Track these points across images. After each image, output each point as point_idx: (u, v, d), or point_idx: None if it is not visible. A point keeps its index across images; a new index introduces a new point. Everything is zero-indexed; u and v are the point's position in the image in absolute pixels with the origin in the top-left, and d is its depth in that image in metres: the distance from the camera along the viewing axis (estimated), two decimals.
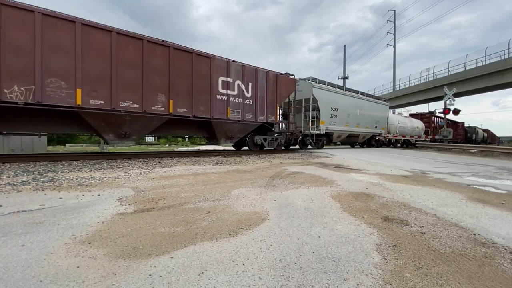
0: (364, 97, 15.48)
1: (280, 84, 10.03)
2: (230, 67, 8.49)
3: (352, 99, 14.44)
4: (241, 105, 8.87)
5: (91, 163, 5.80)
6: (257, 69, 9.29)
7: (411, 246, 1.73)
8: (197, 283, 1.26)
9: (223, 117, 8.39)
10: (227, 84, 8.41)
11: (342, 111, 13.42)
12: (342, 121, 13.57)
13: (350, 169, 5.81)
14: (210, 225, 2.08)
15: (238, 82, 8.69)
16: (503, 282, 1.32)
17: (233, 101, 8.59)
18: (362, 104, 15.09)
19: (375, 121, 16.31)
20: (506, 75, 23.53)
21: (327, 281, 1.30)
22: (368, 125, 15.60)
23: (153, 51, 6.79)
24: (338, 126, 13.30)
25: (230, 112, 8.52)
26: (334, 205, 2.73)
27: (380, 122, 16.86)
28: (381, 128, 16.86)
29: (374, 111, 16.16)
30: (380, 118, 16.82)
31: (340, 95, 13.46)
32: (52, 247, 1.60)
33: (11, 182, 3.49)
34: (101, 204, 2.61)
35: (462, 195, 3.31)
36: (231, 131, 8.89)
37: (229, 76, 8.45)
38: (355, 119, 14.55)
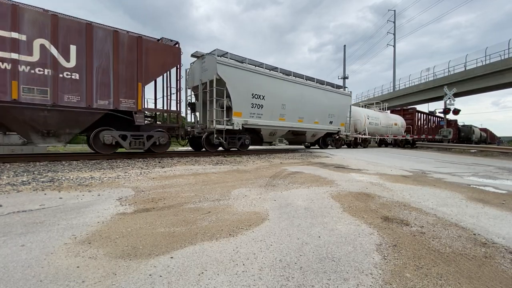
0: (311, 83, 11.72)
1: (146, 53, 6.85)
2: (21, 16, 5.33)
3: (290, 85, 10.69)
4: (50, 79, 5.62)
5: (91, 163, 5.80)
6: (91, 26, 6.13)
7: (411, 246, 1.73)
8: (197, 283, 1.26)
9: (4, 98, 5.22)
10: (14, 43, 5.25)
11: (272, 99, 9.84)
12: (274, 113, 10.02)
13: (350, 169, 5.81)
14: (210, 225, 2.08)
15: (41, 41, 5.55)
16: (503, 282, 1.32)
17: (29, 72, 5.42)
18: (308, 93, 11.43)
19: (330, 115, 12.74)
20: (506, 75, 23.53)
21: (327, 281, 1.30)
22: (318, 120, 12.12)
23: None
24: (266, 120, 9.71)
25: (21, 90, 5.34)
26: (334, 205, 2.73)
27: (338, 116, 13.27)
28: (339, 124, 13.39)
29: (328, 103, 12.58)
30: (338, 112, 13.26)
31: (268, 78, 9.73)
32: (52, 247, 1.60)
33: (11, 182, 3.49)
34: (101, 204, 2.61)
35: (462, 195, 3.30)
36: (37, 121, 5.67)
37: (18, 30, 5.30)
38: (296, 111, 10.94)
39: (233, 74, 8.62)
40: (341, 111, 13.63)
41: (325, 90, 12.56)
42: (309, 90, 11.62)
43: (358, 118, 16.09)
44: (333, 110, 13.00)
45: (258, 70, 9.56)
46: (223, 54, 8.87)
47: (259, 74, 9.53)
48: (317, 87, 12.15)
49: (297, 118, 11.15)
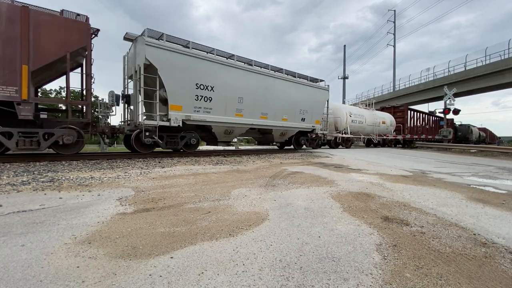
0: (278, 75, 10.05)
1: (37, 28, 5.44)
2: None
3: (250, 75, 9.01)
4: None
5: (91, 163, 5.80)
6: None
7: (411, 246, 1.73)
8: (197, 283, 1.26)
9: None
10: None
11: (225, 92, 8.32)
12: (229, 108, 8.49)
13: (350, 169, 5.81)
14: (210, 225, 2.08)
15: None
16: (503, 282, 1.32)
17: None
18: (274, 86, 9.80)
19: (302, 112, 11.04)
20: (506, 75, 23.52)
21: (327, 281, 1.30)
22: (287, 117, 10.50)
23: None
24: (218, 115, 8.23)
25: None
26: (334, 205, 2.73)
27: (312, 113, 11.49)
28: (313, 122, 11.62)
29: (300, 98, 10.93)
30: (312, 108, 11.46)
31: (220, 67, 8.17)
32: (52, 247, 1.60)
33: (11, 182, 3.49)
34: (101, 204, 2.61)
35: (462, 195, 3.30)
36: None
37: None
38: (259, 106, 9.38)
39: (170, 59, 7.10)
40: (316, 107, 11.84)
41: (297, 83, 10.82)
42: (275, 82, 9.96)
43: (339, 115, 14.48)
44: (306, 106, 11.25)
45: (205, 56, 7.88)
46: (160, 36, 7.25)
47: (207, 61, 7.89)
48: (287, 79, 10.44)
49: (260, 114, 9.50)
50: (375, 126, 17.21)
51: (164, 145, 7.47)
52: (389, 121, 18.91)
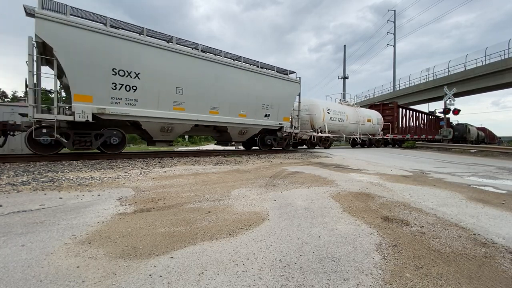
0: (234, 63, 8.68)
1: None
2: None
3: (195, 62, 7.64)
4: None
5: (91, 163, 5.80)
6: None
7: (411, 246, 1.73)
8: (197, 283, 1.26)
9: None
10: None
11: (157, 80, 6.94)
12: (163, 100, 7.13)
13: (350, 169, 5.81)
14: (210, 225, 2.08)
15: None
16: (503, 282, 1.32)
17: None
18: (228, 75, 8.43)
19: (265, 107, 9.69)
20: (506, 75, 23.52)
21: (327, 281, 1.30)
22: (246, 112, 9.10)
23: None
24: (148, 108, 6.86)
25: None
26: (334, 205, 2.73)
27: (278, 109, 10.16)
28: (281, 119, 10.31)
29: (263, 90, 9.51)
30: (279, 103, 10.13)
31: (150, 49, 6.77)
32: (52, 247, 1.60)
33: (11, 182, 3.49)
34: (101, 204, 2.61)
35: (462, 195, 3.30)
36: None
37: None
38: (206, 99, 8.02)
39: (73, 37, 5.68)
40: (284, 103, 10.44)
41: (259, 73, 9.34)
42: (229, 72, 8.47)
43: (314, 112, 12.90)
44: (271, 101, 9.84)
45: (127, 36, 6.40)
46: (62, 9, 5.80)
47: (130, 42, 6.38)
48: (245, 68, 8.97)
49: (209, 108, 8.12)
50: (359, 124, 15.63)
51: (71, 145, 6.04)
52: (376, 119, 17.35)
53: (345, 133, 15.13)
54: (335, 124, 14.14)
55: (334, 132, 14.35)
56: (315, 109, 13.11)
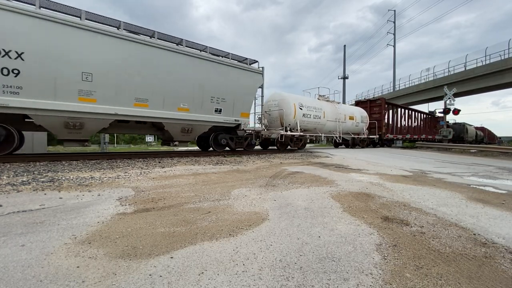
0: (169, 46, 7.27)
1: None
2: None
3: (109, 41, 6.25)
4: None
5: (91, 163, 5.80)
6: None
7: (411, 246, 1.73)
8: (197, 283, 1.26)
9: None
10: None
11: (49, 62, 5.57)
12: (62, 87, 5.77)
13: (350, 169, 5.81)
14: (210, 225, 2.08)
15: None
16: (503, 282, 1.32)
17: None
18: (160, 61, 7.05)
19: (215, 100, 8.32)
20: (506, 75, 23.52)
21: (327, 281, 1.30)
22: (188, 106, 7.75)
23: None
24: (40, 98, 5.54)
25: None
26: (334, 205, 2.73)
27: (233, 103, 8.76)
28: (238, 115, 8.94)
29: (211, 80, 8.13)
30: (234, 96, 8.73)
31: (36, 22, 5.36)
32: (52, 247, 1.60)
33: (11, 182, 3.49)
34: (101, 204, 2.61)
35: (462, 195, 3.30)
36: None
37: None
38: (130, 89, 6.62)
39: None
40: (242, 96, 8.96)
41: (206, 60, 7.90)
42: (164, 56, 7.08)
43: (283, 107, 11.22)
44: (223, 93, 8.38)
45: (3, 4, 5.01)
46: None
47: (4, 11, 5.03)
48: (186, 53, 7.52)
49: (133, 100, 6.66)
50: (339, 122, 13.98)
51: None
52: (360, 117, 15.83)
53: (323, 132, 13.47)
54: (310, 121, 12.32)
55: (309, 131, 12.73)
56: (284, 104, 11.28)
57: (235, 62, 8.90)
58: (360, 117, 15.98)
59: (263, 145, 12.75)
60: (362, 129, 16.19)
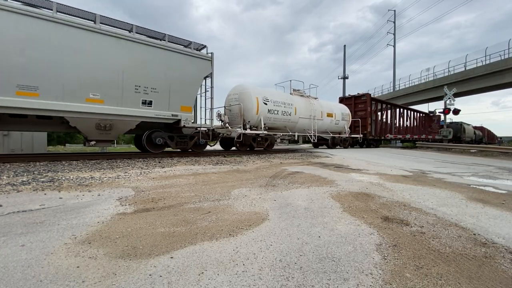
0: (70, 20, 5.89)
1: None
2: None
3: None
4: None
5: (91, 163, 5.80)
6: None
7: (411, 246, 1.73)
8: (197, 283, 1.26)
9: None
10: None
11: None
12: None
13: (350, 169, 5.81)
14: (210, 225, 2.08)
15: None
16: (503, 282, 1.32)
17: None
18: (58, 38, 5.73)
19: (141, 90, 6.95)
20: (506, 75, 23.54)
21: (327, 281, 1.30)
22: (102, 97, 6.37)
23: None
24: None
25: None
26: (334, 205, 2.73)
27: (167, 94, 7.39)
28: (177, 108, 7.55)
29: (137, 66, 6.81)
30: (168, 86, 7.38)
31: None
32: (52, 247, 1.60)
33: (11, 182, 3.49)
34: (101, 204, 2.61)
35: (462, 195, 3.30)
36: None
37: None
38: (8, 73, 5.25)
39: None
40: (183, 85, 7.58)
41: (129, 40, 6.52)
42: (64, 33, 5.76)
43: (243, 101, 9.62)
44: (155, 81, 7.01)
45: None
46: None
47: None
48: (99, 31, 6.20)
49: (14, 88, 5.32)
50: (314, 120, 12.35)
51: None
52: (340, 114, 14.32)
53: (296, 130, 11.83)
54: (278, 118, 10.75)
55: (277, 129, 11.16)
56: (245, 98, 9.72)
57: (172, 45, 7.43)
58: (341, 115, 14.47)
59: (225, 145, 11.21)
60: (343, 128, 14.77)
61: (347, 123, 15.02)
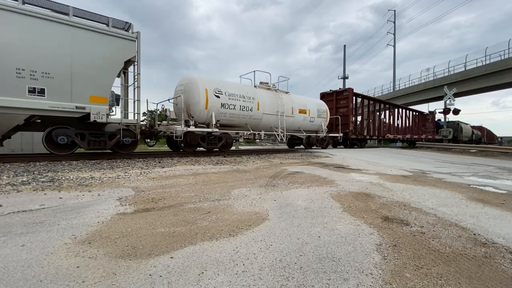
0: None
1: None
2: None
3: None
4: None
5: (91, 163, 5.80)
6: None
7: (411, 246, 1.73)
8: (197, 283, 1.26)
9: None
10: None
11: None
12: None
13: (350, 169, 5.81)
14: (210, 225, 2.08)
15: None
16: (503, 282, 1.32)
17: None
18: None
19: (26, 74, 5.35)
20: (506, 75, 23.55)
21: (327, 281, 1.30)
22: None
23: None
24: None
25: None
26: (334, 205, 2.73)
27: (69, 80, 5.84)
28: (85, 99, 6.08)
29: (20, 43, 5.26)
30: (69, 70, 5.82)
31: None
32: (52, 247, 1.60)
33: (11, 182, 3.49)
34: (101, 204, 2.61)
35: (462, 195, 3.30)
36: None
37: None
38: None
39: None
40: (94, 71, 6.14)
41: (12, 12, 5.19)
42: None
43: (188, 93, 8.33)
44: (49, 64, 5.61)
45: None
46: None
47: None
48: None
49: None
50: (283, 116, 10.58)
51: None
52: (316, 111, 12.38)
53: (260, 128, 10.13)
54: (235, 114, 9.12)
55: (236, 127, 9.59)
56: (191, 90, 8.25)
57: (77, 20, 5.93)
58: (317, 111, 12.47)
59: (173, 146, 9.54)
60: (320, 126, 12.85)
61: (325, 121, 13.09)
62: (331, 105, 14.66)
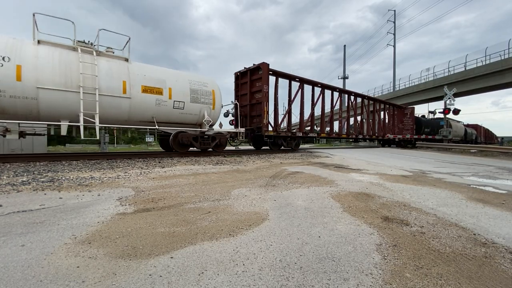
0: None
1: None
2: None
3: None
4: None
5: (91, 163, 5.80)
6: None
7: (411, 246, 1.73)
8: (197, 283, 1.26)
9: None
10: None
11: None
12: None
13: (350, 169, 5.81)
14: (210, 225, 2.08)
15: None
16: (503, 282, 1.32)
17: None
18: None
19: None
20: (506, 75, 23.55)
21: (327, 281, 1.30)
22: None
23: None
24: None
25: None
26: (334, 205, 2.73)
27: None
28: None
29: None
30: None
31: None
32: (52, 247, 1.60)
33: (11, 182, 3.49)
34: (101, 204, 2.61)
35: (462, 195, 3.30)
36: None
37: None
38: None
39: None
40: None
41: None
42: None
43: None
44: None
45: None
46: None
47: None
48: None
49: None
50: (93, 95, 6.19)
51: None
52: (188, 91, 7.99)
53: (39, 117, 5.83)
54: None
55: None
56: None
57: None
58: (190, 93, 8.05)
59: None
60: (202, 116, 8.44)
61: (210, 109, 8.56)
62: (245, 90, 10.93)
